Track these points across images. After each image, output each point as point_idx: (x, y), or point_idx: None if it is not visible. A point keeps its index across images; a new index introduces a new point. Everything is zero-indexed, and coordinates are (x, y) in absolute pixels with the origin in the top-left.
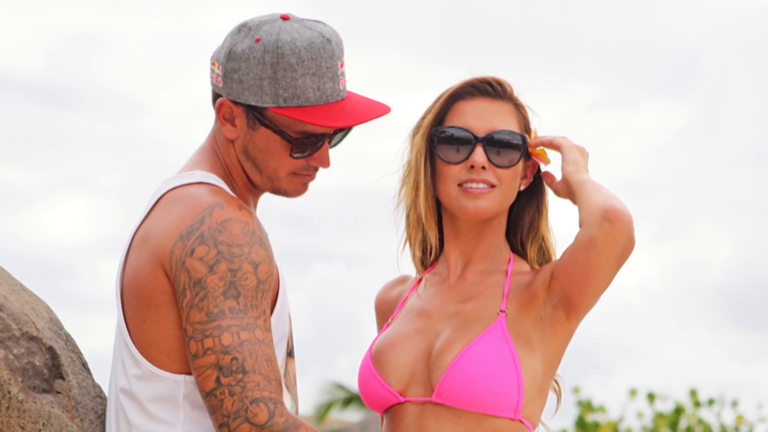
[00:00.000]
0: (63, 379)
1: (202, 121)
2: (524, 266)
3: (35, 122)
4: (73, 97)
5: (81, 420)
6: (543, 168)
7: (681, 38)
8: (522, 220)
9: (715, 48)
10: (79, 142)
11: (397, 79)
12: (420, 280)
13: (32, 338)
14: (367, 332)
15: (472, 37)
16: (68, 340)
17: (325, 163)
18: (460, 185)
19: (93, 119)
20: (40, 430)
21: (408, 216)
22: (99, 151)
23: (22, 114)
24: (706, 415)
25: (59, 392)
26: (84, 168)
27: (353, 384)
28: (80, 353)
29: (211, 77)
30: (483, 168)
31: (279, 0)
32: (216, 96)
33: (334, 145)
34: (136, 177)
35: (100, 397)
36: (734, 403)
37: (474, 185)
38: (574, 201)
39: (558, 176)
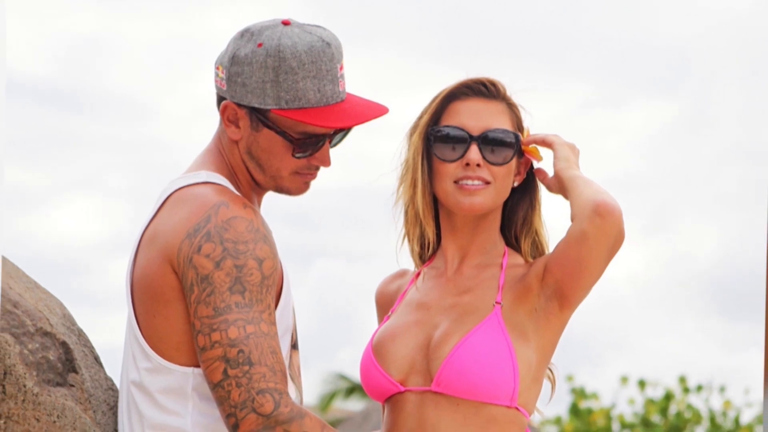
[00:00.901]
0: (76, 372)
1: (206, 122)
2: (519, 259)
3: (45, 125)
4: (81, 100)
5: (94, 412)
6: (536, 165)
7: (669, 38)
8: (516, 215)
9: (703, 48)
10: (87, 144)
11: (396, 80)
12: (418, 274)
13: (46, 334)
14: (367, 325)
15: (469, 38)
16: (81, 335)
17: (326, 162)
18: (456, 182)
19: (100, 122)
20: (54, 422)
21: (406, 212)
22: (106, 152)
23: (33, 117)
24: (695, 400)
25: (72, 385)
26: (92, 169)
27: (355, 375)
28: (92, 347)
29: (216, 81)
30: (478, 165)
31: (279, 3)
32: (220, 99)
33: (335, 144)
34: (143, 177)
35: (112, 390)
36: (722, 389)
37: (469, 182)
38: (566, 196)
39: (550, 173)
